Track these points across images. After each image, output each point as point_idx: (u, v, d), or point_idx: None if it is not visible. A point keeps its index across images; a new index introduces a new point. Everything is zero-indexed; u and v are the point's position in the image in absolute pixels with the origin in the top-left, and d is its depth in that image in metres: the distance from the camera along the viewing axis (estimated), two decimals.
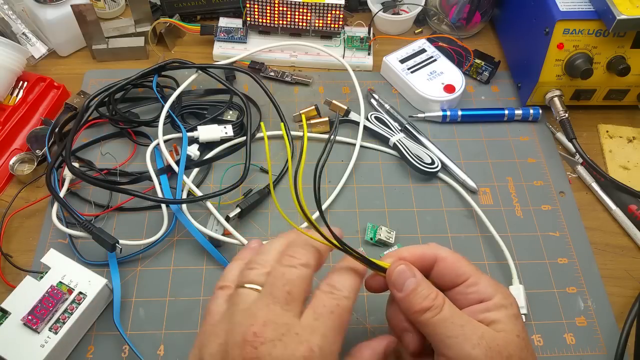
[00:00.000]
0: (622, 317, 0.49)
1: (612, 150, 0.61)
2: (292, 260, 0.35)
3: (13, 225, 0.53)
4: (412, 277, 0.35)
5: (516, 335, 0.33)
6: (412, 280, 0.35)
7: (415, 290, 0.34)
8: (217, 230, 0.52)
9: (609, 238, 0.55)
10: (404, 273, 0.35)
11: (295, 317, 0.32)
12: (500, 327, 0.33)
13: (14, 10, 0.67)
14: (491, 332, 0.33)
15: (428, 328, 0.34)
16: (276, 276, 0.33)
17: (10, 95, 0.61)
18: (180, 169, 0.53)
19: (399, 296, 0.35)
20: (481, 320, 0.34)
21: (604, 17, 0.54)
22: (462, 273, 0.36)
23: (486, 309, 0.34)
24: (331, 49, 0.66)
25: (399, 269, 0.35)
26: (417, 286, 0.34)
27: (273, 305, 0.32)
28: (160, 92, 0.59)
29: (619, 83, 0.60)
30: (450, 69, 0.64)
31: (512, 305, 0.35)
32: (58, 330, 0.43)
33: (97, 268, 0.50)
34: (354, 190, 0.57)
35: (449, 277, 0.36)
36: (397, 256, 0.37)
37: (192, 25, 0.68)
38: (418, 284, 0.35)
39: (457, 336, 0.32)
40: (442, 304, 0.34)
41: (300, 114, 0.61)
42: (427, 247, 0.37)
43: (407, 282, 0.35)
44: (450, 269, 0.36)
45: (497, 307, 0.34)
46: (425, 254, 0.37)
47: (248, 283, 0.34)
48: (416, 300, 0.34)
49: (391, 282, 0.36)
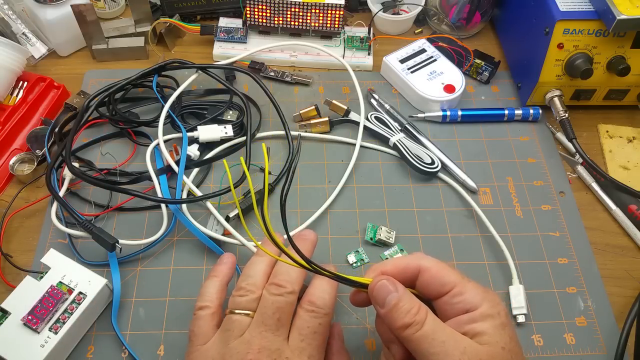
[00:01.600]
0: (622, 317, 0.49)
1: (612, 150, 0.61)
2: (280, 289, 0.37)
3: (13, 225, 0.53)
4: (394, 291, 0.34)
5: (501, 348, 0.33)
6: (394, 296, 0.34)
7: (397, 305, 0.34)
8: (217, 230, 0.52)
9: (609, 238, 0.55)
10: (384, 288, 0.35)
11: (284, 341, 0.36)
12: (485, 339, 0.33)
13: (14, 10, 0.67)
14: (475, 345, 0.32)
15: (411, 344, 0.33)
16: (267, 305, 0.36)
17: (10, 95, 0.61)
18: (180, 169, 0.53)
19: (381, 312, 0.35)
20: (466, 332, 0.33)
21: (604, 17, 0.54)
22: (447, 282, 0.35)
23: (472, 320, 0.34)
24: (331, 49, 0.66)
25: (380, 284, 0.35)
26: (399, 301, 0.34)
27: (265, 333, 0.35)
28: (160, 92, 0.59)
29: (619, 83, 0.60)
30: (450, 69, 0.64)
31: (500, 314, 0.34)
32: (58, 330, 0.43)
33: (97, 268, 0.50)
34: (354, 190, 0.57)
35: (434, 287, 0.35)
36: (379, 270, 0.36)
37: (192, 25, 0.68)
38: (399, 299, 0.34)
39: (439, 353, 0.32)
40: (423, 320, 0.33)
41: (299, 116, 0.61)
42: (411, 258, 0.37)
43: (388, 297, 0.34)
44: (434, 278, 0.35)
45: (483, 318, 0.33)
46: (409, 265, 0.36)
47: (240, 309, 0.36)
48: (398, 316, 0.34)
49: (373, 298, 0.35)
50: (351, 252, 0.52)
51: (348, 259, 0.52)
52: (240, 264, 0.51)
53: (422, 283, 0.36)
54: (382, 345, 0.39)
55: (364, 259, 0.52)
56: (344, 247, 0.53)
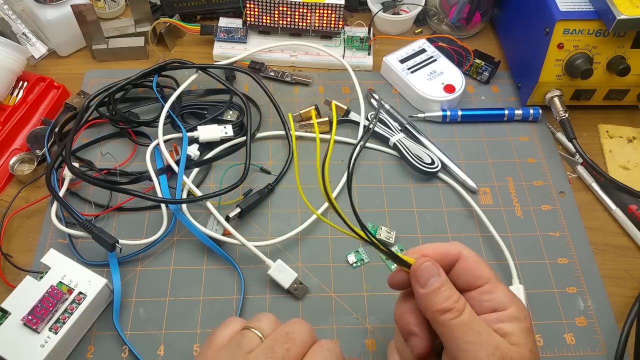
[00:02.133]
0: (622, 317, 0.49)
1: (612, 150, 0.61)
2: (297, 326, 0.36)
3: (13, 225, 0.53)
4: (437, 275, 0.35)
5: (529, 350, 0.33)
6: (437, 279, 0.34)
7: (439, 289, 0.34)
8: (217, 230, 0.52)
9: (609, 238, 0.55)
10: (429, 269, 0.35)
11: None
12: (514, 339, 0.33)
13: (14, 10, 0.67)
14: (506, 344, 0.33)
15: (445, 329, 0.33)
16: (280, 333, 0.35)
17: (10, 95, 0.61)
18: (180, 169, 0.53)
19: (421, 292, 0.35)
20: (495, 331, 0.33)
21: (604, 17, 0.54)
22: (481, 277, 0.35)
23: (500, 320, 0.34)
24: (331, 49, 0.66)
25: (425, 265, 0.35)
26: (442, 285, 0.34)
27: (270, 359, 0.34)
28: (160, 92, 0.59)
29: (619, 83, 0.60)
30: (450, 69, 0.64)
31: (526, 319, 0.34)
32: (58, 330, 0.43)
33: (97, 268, 0.50)
34: (354, 190, 0.57)
35: (468, 279, 0.36)
36: (420, 252, 0.36)
37: (192, 25, 0.68)
38: (442, 283, 0.34)
39: (474, 342, 0.32)
40: (462, 308, 0.33)
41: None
42: (450, 245, 0.37)
43: (431, 279, 0.34)
44: (470, 270, 0.36)
45: (510, 319, 0.34)
46: (449, 252, 0.36)
47: (255, 329, 0.36)
48: (438, 300, 0.34)
49: (415, 277, 0.35)
50: (351, 252, 0.52)
51: (348, 259, 0.52)
52: (240, 263, 0.51)
53: (457, 272, 0.36)
54: (395, 335, 0.38)
55: (364, 259, 0.52)
56: (344, 247, 0.53)
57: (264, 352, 0.34)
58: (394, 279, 0.38)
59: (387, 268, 0.51)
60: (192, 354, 0.46)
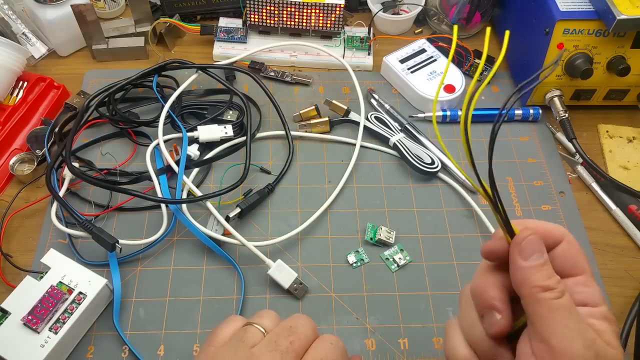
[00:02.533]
0: (622, 317, 0.49)
1: (612, 150, 0.61)
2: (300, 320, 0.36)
3: (13, 225, 0.53)
4: (540, 252, 0.32)
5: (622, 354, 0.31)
6: (540, 255, 0.32)
7: (543, 266, 0.31)
8: (217, 230, 0.52)
9: (609, 238, 0.55)
10: (535, 243, 0.32)
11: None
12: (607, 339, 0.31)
13: (14, 10, 0.67)
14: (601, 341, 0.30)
15: (543, 309, 0.31)
16: (283, 327, 0.35)
17: (10, 95, 0.61)
18: (180, 169, 0.53)
19: (522, 265, 0.32)
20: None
21: (604, 17, 0.54)
22: (579, 266, 0.33)
23: (591, 315, 0.32)
24: (331, 49, 0.66)
25: (531, 238, 0.32)
26: (545, 262, 0.32)
27: (275, 352, 0.34)
28: (160, 92, 0.59)
29: (619, 83, 0.60)
30: (450, 69, 0.64)
31: (615, 323, 0.32)
32: (58, 330, 0.43)
33: (97, 268, 0.50)
34: (354, 190, 0.57)
35: (565, 264, 0.33)
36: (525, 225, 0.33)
37: (192, 25, 0.68)
38: (547, 261, 0.32)
39: (572, 329, 0.30)
40: (564, 291, 0.31)
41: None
42: (555, 226, 0.35)
43: (535, 254, 0.32)
44: (571, 256, 0.33)
45: (603, 318, 0.32)
46: (553, 232, 0.34)
47: (257, 324, 0.36)
48: (541, 276, 0.31)
49: (519, 248, 0.32)
50: (351, 252, 0.52)
51: (348, 259, 0.52)
52: (240, 263, 0.51)
53: (557, 255, 0.33)
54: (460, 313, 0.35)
55: (364, 259, 0.52)
56: (344, 247, 0.53)
57: (268, 345, 0.34)
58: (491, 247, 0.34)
59: (387, 268, 0.51)
60: (192, 354, 0.46)
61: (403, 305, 0.49)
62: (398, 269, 0.51)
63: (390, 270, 0.51)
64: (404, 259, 0.52)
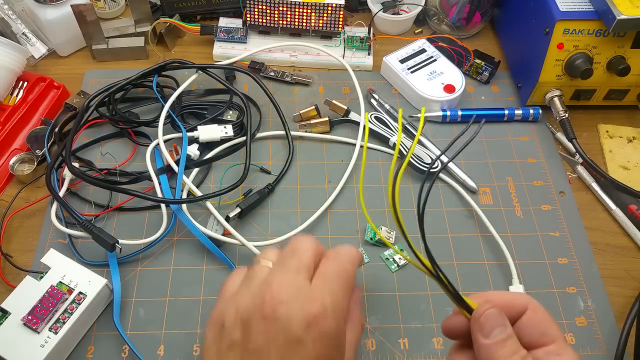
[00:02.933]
0: (622, 317, 0.49)
1: (612, 150, 0.61)
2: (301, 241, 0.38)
3: (13, 225, 0.53)
4: (503, 325, 0.31)
5: None
6: (502, 329, 0.31)
7: (505, 342, 0.30)
8: (217, 230, 0.52)
9: (609, 238, 0.55)
10: (494, 318, 0.31)
11: (306, 281, 0.35)
12: None
13: (14, 10, 0.67)
14: None
15: None
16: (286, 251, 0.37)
17: (10, 95, 0.61)
18: (180, 169, 0.53)
19: (484, 342, 0.31)
20: None
21: (604, 17, 0.54)
22: (549, 334, 0.31)
23: None
24: (331, 49, 0.66)
25: (490, 313, 0.31)
26: (508, 338, 0.30)
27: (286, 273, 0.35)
28: (160, 92, 0.59)
29: (619, 83, 0.60)
30: (450, 69, 0.64)
31: None
32: (58, 330, 0.43)
33: (97, 268, 0.50)
34: (354, 190, 0.57)
35: (533, 334, 0.32)
36: (484, 298, 0.33)
37: (192, 25, 0.68)
38: (509, 335, 0.31)
39: None
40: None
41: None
42: (518, 295, 0.34)
43: (496, 330, 0.31)
44: (538, 324, 0.32)
45: None
46: (515, 302, 0.33)
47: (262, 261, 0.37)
48: (503, 353, 0.30)
49: (478, 324, 0.31)
50: None
51: None
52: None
53: (523, 324, 0.32)
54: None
55: (364, 259, 0.52)
56: None
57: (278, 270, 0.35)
58: (450, 324, 0.34)
59: (387, 268, 0.51)
60: (192, 354, 0.46)
61: (403, 305, 0.49)
62: (398, 269, 0.51)
63: (390, 270, 0.51)
64: (404, 259, 0.52)
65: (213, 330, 0.35)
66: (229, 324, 0.34)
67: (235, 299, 0.35)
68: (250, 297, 0.34)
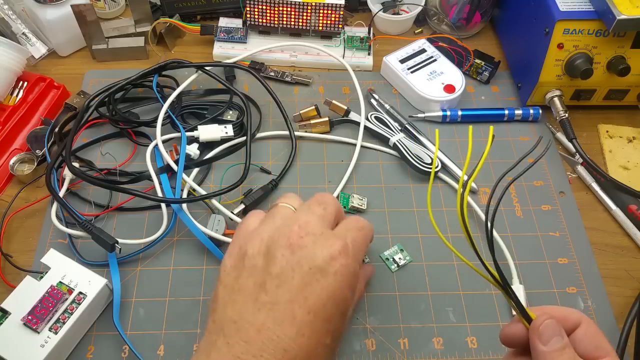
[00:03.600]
0: (622, 317, 0.49)
1: (612, 150, 0.61)
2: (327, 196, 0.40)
3: (13, 225, 0.53)
4: (560, 335, 0.33)
5: None
6: (560, 339, 0.32)
7: (563, 350, 0.32)
8: (218, 230, 0.52)
9: (609, 238, 0.55)
10: (553, 327, 0.33)
11: (328, 228, 0.37)
12: None
13: (14, 10, 0.67)
14: None
15: None
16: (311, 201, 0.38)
17: (10, 95, 0.61)
18: (179, 168, 0.53)
19: (542, 350, 0.32)
20: None
21: (604, 17, 0.54)
22: (602, 348, 0.33)
23: None
24: (331, 49, 0.66)
25: (550, 322, 0.33)
26: (565, 347, 0.32)
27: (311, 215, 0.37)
28: (160, 92, 0.59)
29: (619, 83, 0.60)
30: (450, 69, 0.64)
31: None
32: (58, 330, 0.43)
33: (97, 268, 0.50)
34: (354, 191, 0.57)
35: (587, 347, 0.33)
36: (543, 310, 0.34)
37: (192, 25, 0.68)
38: (566, 345, 0.32)
39: None
40: None
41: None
42: (572, 311, 0.35)
43: (555, 338, 0.32)
44: (591, 338, 0.33)
45: None
46: (570, 316, 0.34)
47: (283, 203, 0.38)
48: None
49: (537, 333, 0.33)
50: None
51: None
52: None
53: (577, 338, 0.34)
54: None
55: (364, 259, 0.52)
56: None
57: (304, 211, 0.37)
58: (510, 332, 0.35)
59: (387, 268, 0.51)
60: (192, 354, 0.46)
61: (403, 305, 0.49)
62: (398, 269, 0.51)
63: (390, 270, 0.51)
64: (404, 259, 0.52)
65: (234, 259, 0.36)
66: (252, 252, 0.35)
67: (259, 231, 0.36)
68: (276, 228, 0.36)
